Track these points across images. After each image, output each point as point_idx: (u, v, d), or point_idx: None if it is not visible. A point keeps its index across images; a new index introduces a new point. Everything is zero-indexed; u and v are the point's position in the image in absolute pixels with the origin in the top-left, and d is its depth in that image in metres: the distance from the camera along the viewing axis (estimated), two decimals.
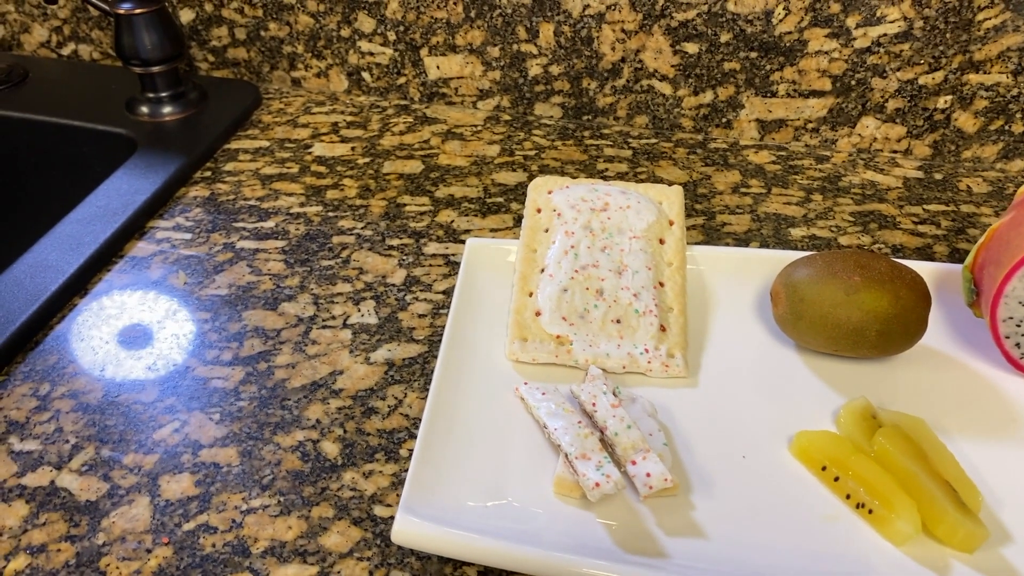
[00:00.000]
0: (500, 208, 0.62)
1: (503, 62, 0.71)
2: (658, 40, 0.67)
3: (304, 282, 0.55)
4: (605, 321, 0.48)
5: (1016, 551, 0.38)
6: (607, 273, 0.50)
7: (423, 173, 0.66)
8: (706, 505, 0.40)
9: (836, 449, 0.41)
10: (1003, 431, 0.44)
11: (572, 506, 0.40)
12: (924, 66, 0.63)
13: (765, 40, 0.65)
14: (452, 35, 0.71)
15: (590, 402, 0.43)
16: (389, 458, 0.44)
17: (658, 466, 0.40)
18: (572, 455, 0.40)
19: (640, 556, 0.38)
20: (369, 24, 0.72)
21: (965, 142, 0.66)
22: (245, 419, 0.46)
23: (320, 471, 0.43)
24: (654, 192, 0.56)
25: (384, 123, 0.72)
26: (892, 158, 0.68)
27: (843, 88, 0.66)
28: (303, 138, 0.71)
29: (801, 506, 0.40)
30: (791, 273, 0.47)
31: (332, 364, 0.49)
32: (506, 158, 0.68)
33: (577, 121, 0.73)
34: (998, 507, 0.40)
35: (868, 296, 0.44)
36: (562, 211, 0.53)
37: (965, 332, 0.50)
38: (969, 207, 0.62)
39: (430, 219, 0.61)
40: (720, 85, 0.68)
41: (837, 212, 0.62)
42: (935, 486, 0.39)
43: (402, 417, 0.46)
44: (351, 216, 0.61)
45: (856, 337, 0.45)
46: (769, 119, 0.69)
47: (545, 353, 0.47)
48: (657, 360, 0.47)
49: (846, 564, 0.38)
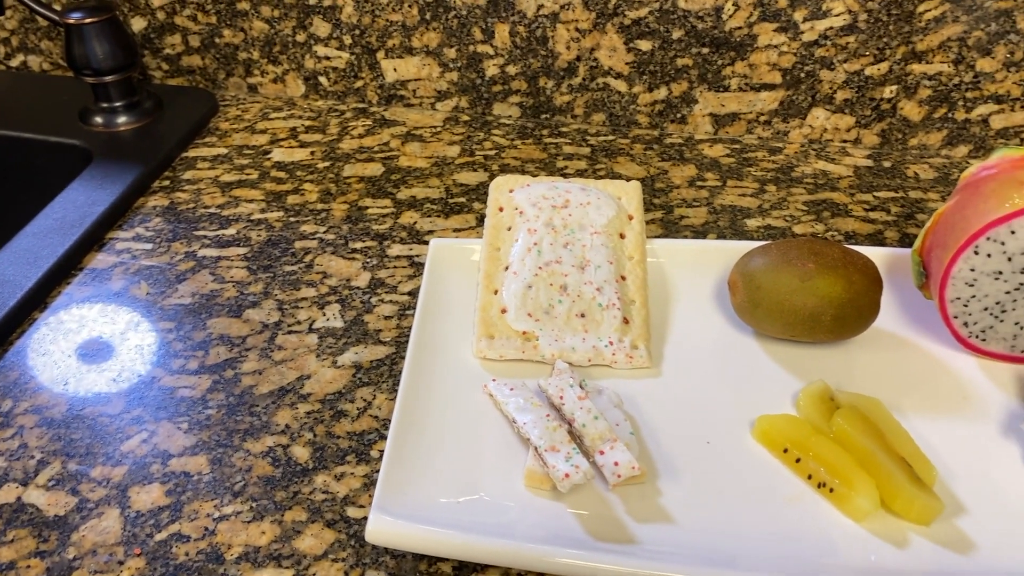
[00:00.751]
0: (462, 208, 0.63)
1: (460, 63, 0.72)
2: (612, 38, 0.68)
3: (268, 288, 0.55)
4: (570, 316, 0.49)
5: (970, 522, 0.40)
6: (570, 269, 0.51)
7: (384, 175, 0.66)
8: (673, 491, 0.41)
9: (796, 431, 0.42)
10: (955, 407, 0.46)
11: (543, 498, 0.41)
12: (869, 57, 0.65)
13: (716, 36, 0.66)
14: (408, 37, 0.71)
15: (557, 395, 0.44)
16: (360, 460, 0.44)
17: (625, 455, 0.40)
18: (542, 448, 0.40)
19: (611, 544, 0.39)
20: (325, 28, 0.72)
21: (911, 130, 0.68)
22: (214, 427, 0.46)
23: (291, 475, 0.44)
24: (613, 188, 0.57)
25: (343, 127, 0.72)
26: (842, 148, 0.70)
27: (793, 81, 0.67)
28: (262, 144, 0.70)
29: (765, 488, 0.41)
30: (747, 263, 0.48)
31: (299, 369, 0.50)
32: (466, 158, 0.68)
33: (535, 120, 0.74)
34: (952, 480, 0.42)
35: (822, 282, 0.45)
36: (524, 209, 0.54)
37: (916, 314, 0.51)
38: (917, 193, 0.64)
39: (393, 221, 0.61)
40: (674, 81, 0.69)
41: (791, 202, 0.63)
42: (892, 463, 0.40)
43: (372, 419, 0.47)
44: (313, 220, 0.61)
45: (812, 322, 0.46)
46: (722, 113, 0.70)
47: (512, 349, 0.48)
48: (621, 352, 0.48)
49: (810, 542, 0.39)
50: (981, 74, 0.65)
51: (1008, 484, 0.41)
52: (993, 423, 0.45)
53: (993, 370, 0.48)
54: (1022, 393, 0.47)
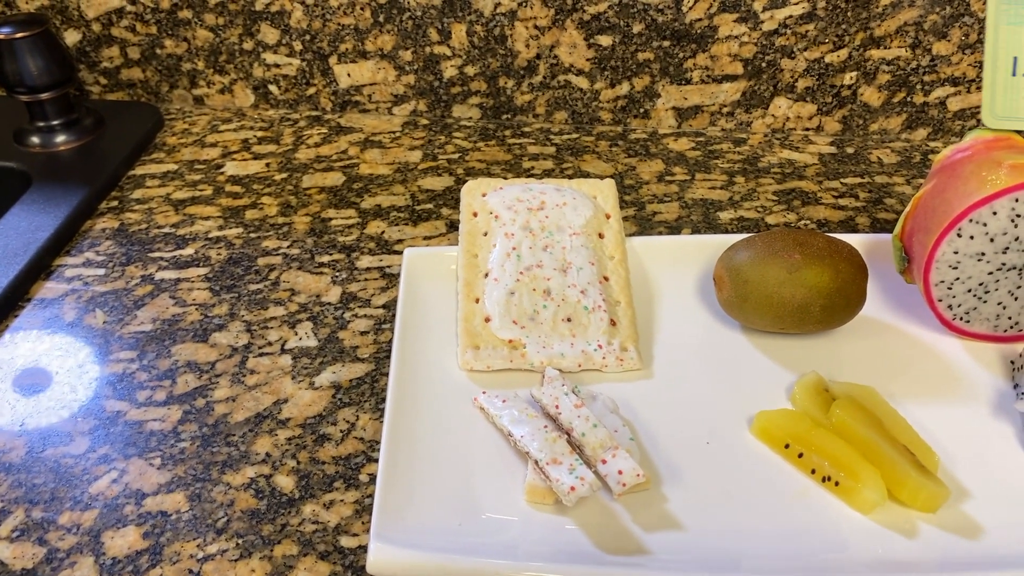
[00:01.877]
0: (431, 215, 0.61)
1: (416, 66, 0.70)
2: (572, 35, 0.67)
3: (234, 309, 0.53)
4: (556, 321, 0.48)
5: (975, 505, 0.40)
6: (552, 272, 0.49)
7: (345, 184, 0.64)
8: (678, 496, 0.40)
9: (796, 426, 0.42)
10: (947, 391, 0.46)
11: (546, 513, 0.39)
12: (829, 45, 0.65)
13: (677, 28, 0.66)
14: (361, 41, 0.69)
15: (553, 404, 0.42)
16: (349, 485, 0.42)
17: (628, 462, 0.39)
18: (542, 461, 0.39)
19: (622, 556, 0.37)
20: (273, 35, 0.69)
21: (872, 115, 0.69)
22: (189, 461, 0.43)
23: (277, 507, 0.41)
24: (587, 187, 0.56)
25: (297, 136, 0.70)
26: (805, 136, 0.70)
27: (754, 71, 0.67)
28: (213, 158, 0.67)
29: (770, 486, 0.41)
30: (732, 256, 0.48)
31: (275, 393, 0.47)
32: (429, 163, 0.66)
33: (497, 121, 0.72)
34: (952, 465, 0.42)
35: (810, 273, 0.45)
36: (499, 213, 0.52)
37: (898, 299, 0.51)
38: (883, 178, 0.65)
39: (359, 232, 0.59)
40: (636, 76, 0.68)
41: (760, 192, 0.63)
42: (894, 452, 0.40)
43: (357, 441, 0.44)
44: (275, 235, 0.59)
45: (801, 314, 0.45)
46: (685, 106, 0.70)
47: (499, 359, 0.46)
48: (611, 355, 0.47)
49: (820, 537, 0.38)
50: (937, 57, 0.65)
51: (1007, 465, 0.42)
52: (984, 404, 0.45)
53: (978, 351, 0.48)
54: (1008, 372, 0.47)
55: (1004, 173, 0.43)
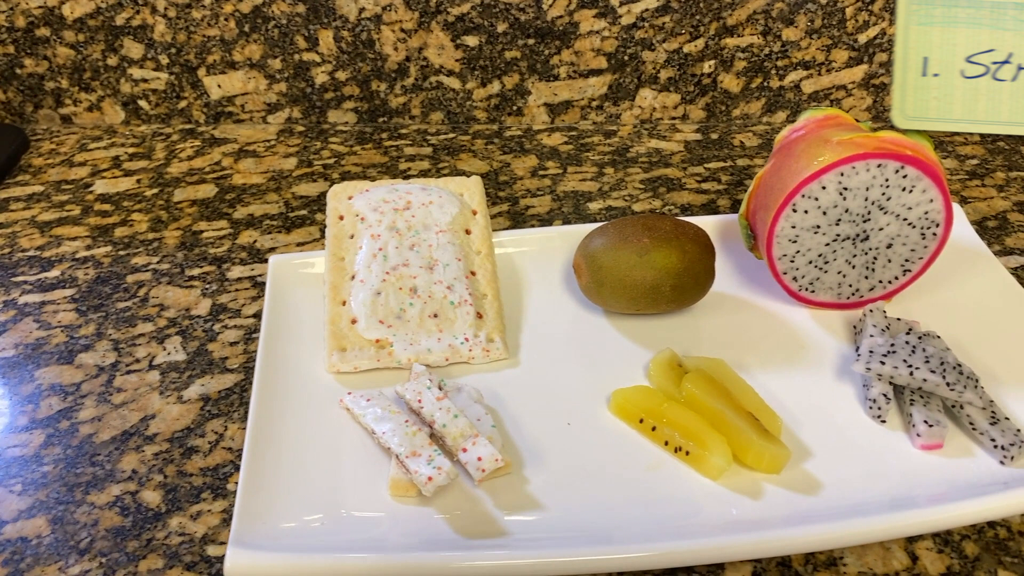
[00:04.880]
0: (304, 221, 0.61)
1: (287, 73, 0.70)
2: (438, 36, 0.68)
3: (101, 329, 0.52)
4: (423, 317, 0.48)
5: (816, 464, 0.42)
6: (418, 270, 0.50)
7: (218, 196, 0.63)
8: (539, 477, 0.41)
9: (649, 401, 0.43)
10: (795, 358, 0.48)
11: (411, 505, 0.40)
12: (686, 35, 0.68)
13: (539, 26, 0.67)
14: (229, 52, 0.68)
15: (415, 399, 0.43)
16: (217, 495, 0.42)
17: (488, 448, 0.40)
18: (402, 455, 0.40)
19: (481, 539, 0.38)
20: (137, 50, 0.68)
21: (733, 101, 0.72)
22: (51, 484, 0.43)
23: (143, 522, 0.41)
24: (454, 185, 0.57)
25: (170, 150, 0.69)
26: (672, 124, 0.72)
27: (618, 64, 0.69)
28: (82, 177, 0.66)
29: (626, 460, 0.42)
30: (588, 244, 0.49)
31: (142, 409, 0.47)
32: (304, 169, 0.66)
33: (373, 124, 0.72)
34: (797, 428, 0.44)
35: (658, 255, 0.47)
36: (365, 215, 0.53)
37: (750, 275, 0.54)
38: (744, 160, 0.68)
39: (231, 242, 0.59)
40: (505, 74, 0.70)
41: (628, 182, 0.65)
42: (739, 419, 0.42)
43: (225, 451, 0.44)
44: (144, 251, 0.58)
45: (654, 294, 0.47)
46: (556, 102, 0.71)
47: (366, 359, 0.47)
48: (478, 347, 0.48)
49: (674, 506, 0.40)
50: (788, 43, 0.69)
51: (847, 424, 0.44)
52: (829, 368, 0.48)
53: (825, 319, 0.51)
54: (852, 337, 0.50)
55: (831, 149, 0.46)
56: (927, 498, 0.40)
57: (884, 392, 0.44)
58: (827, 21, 0.67)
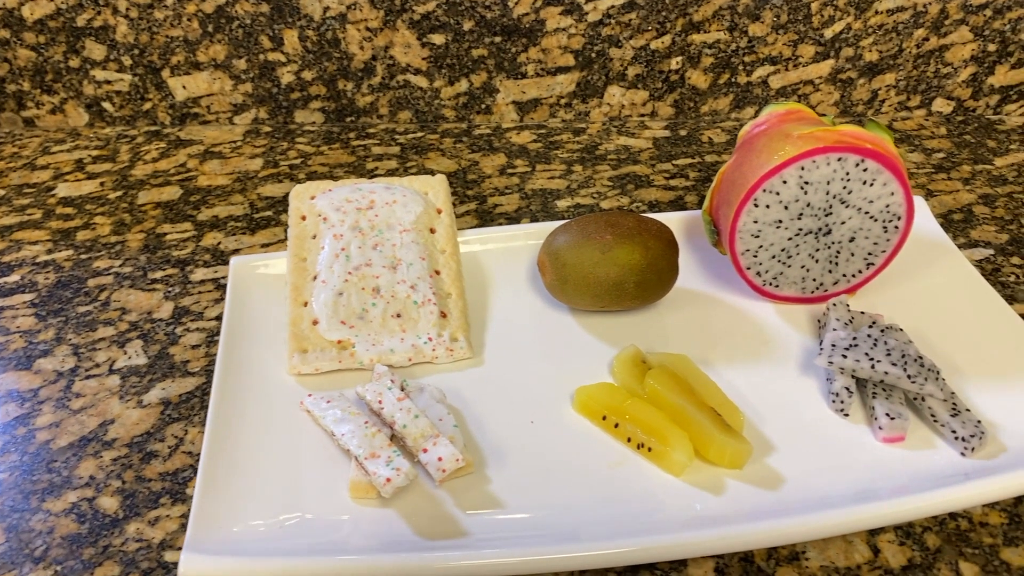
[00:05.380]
0: (269, 222, 0.60)
1: (252, 74, 0.69)
2: (404, 34, 0.67)
3: (60, 333, 0.51)
4: (385, 317, 0.48)
5: (779, 458, 0.42)
6: (381, 270, 0.50)
7: (182, 198, 0.63)
8: (501, 476, 0.41)
9: (612, 398, 0.43)
10: (758, 353, 0.48)
11: (372, 507, 0.40)
12: (652, 32, 0.68)
13: (506, 24, 0.67)
14: (193, 52, 0.68)
15: (376, 400, 0.43)
16: (176, 500, 0.42)
17: (449, 448, 0.40)
18: (361, 456, 0.39)
19: (443, 540, 0.38)
20: (99, 51, 0.68)
21: (701, 98, 0.72)
22: (6, 492, 0.42)
23: (100, 529, 0.40)
24: (419, 183, 0.56)
25: (134, 152, 0.68)
26: (641, 121, 0.72)
27: (585, 61, 0.69)
28: (44, 180, 0.65)
29: (589, 458, 0.42)
30: (552, 242, 0.49)
31: (101, 415, 0.46)
32: (270, 170, 0.66)
33: (341, 124, 0.72)
34: (761, 422, 0.44)
35: (621, 252, 0.47)
36: (328, 215, 0.53)
37: (715, 270, 0.54)
38: (712, 156, 0.68)
39: (194, 244, 0.58)
40: (472, 72, 0.70)
41: (597, 179, 0.65)
42: (702, 415, 0.42)
43: (185, 455, 0.44)
44: (107, 255, 0.57)
45: (617, 291, 0.47)
46: (524, 100, 0.71)
47: (328, 361, 0.46)
48: (441, 346, 0.47)
49: (636, 503, 0.40)
50: (754, 39, 0.69)
51: (809, 418, 0.44)
52: (793, 362, 0.48)
53: (789, 313, 0.51)
54: (816, 331, 0.50)
55: (791, 144, 0.46)
56: (889, 490, 0.40)
57: (846, 386, 0.44)
58: (793, 16, 0.67)
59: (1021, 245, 0.58)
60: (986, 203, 0.63)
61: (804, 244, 0.48)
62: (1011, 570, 0.38)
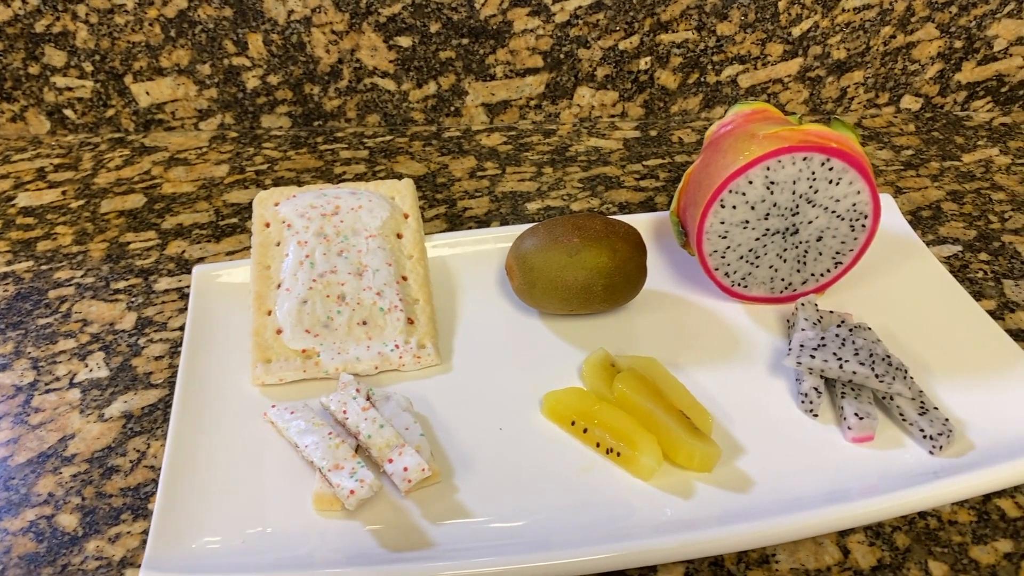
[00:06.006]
0: (235, 229, 0.59)
1: (217, 79, 0.68)
2: (371, 37, 0.67)
3: (19, 347, 0.50)
4: (351, 325, 0.47)
5: (749, 460, 0.42)
6: (347, 277, 0.49)
7: (146, 206, 0.62)
8: (469, 485, 0.41)
9: (581, 402, 0.43)
10: (728, 354, 0.48)
11: (338, 519, 0.39)
12: (620, 32, 0.68)
13: (473, 25, 0.66)
14: (155, 58, 0.67)
15: (340, 410, 0.42)
16: (137, 516, 0.41)
17: (414, 458, 0.39)
18: (325, 468, 0.39)
19: (410, 551, 0.37)
20: (60, 57, 0.66)
21: (671, 98, 0.72)
22: None
23: (58, 547, 0.39)
24: (385, 188, 0.56)
25: (97, 160, 0.67)
26: (611, 122, 0.72)
27: (554, 63, 0.69)
28: (4, 190, 0.64)
29: (558, 464, 0.42)
30: (519, 246, 0.49)
31: (61, 429, 0.45)
32: (236, 176, 0.65)
33: (308, 128, 0.71)
34: (730, 424, 0.44)
35: (588, 255, 0.46)
36: (292, 221, 0.52)
37: (684, 272, 0.54)
38: (682, 157, 0.68)
39: (158, 253, 0.57)
40: (440, 75, 0.69)
41: (567, 181, 0.65)
42: (670, 418, 0.42)
43: (147, 470, 0.43)
44: (68, 265, 0.56)
45: (586, 294, 0.47)
46: (494, 102, 0.71)
47: (292, 371, 0.46)
48: (408, 353, 0.47)
49: (606, 508, 0.40)
50: (723, 38, 0.68)
51: (779, 418, 0.44)
52: (762, 363, 0.47)
53: (759, 313, 0.51)
54: (786, 331, 0.50)
55: (757, 144, 0.46)
56: (859, 491, 0.40)
57: (815, 386, 0.44)
58: (760, 15, 0.67)
59: (989, 241, 0.58)
60: (954, 199, 0.63)
61: (772, 244, 0.48)
62: (980, 568, 0.38)
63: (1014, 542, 0.39)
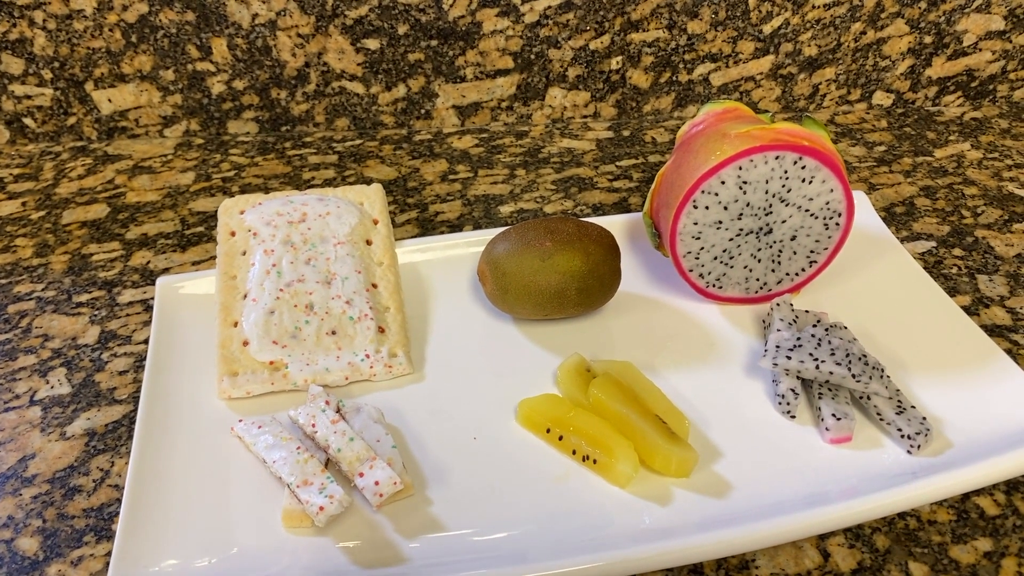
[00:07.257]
0: (201, 238, 0.58)
1: (181, 84, 0.66)
2: (337, 40, 0.65)
3: None
4: (320, 335, 0.46)
5: (727, 465, 0.41)
6: (315, 285, 0.48)
7: (110, 216, 0.60)
8: (443, 497, 0.40)
9: (556, 409, 0.42)
10: (704, 356, 0.47)
11: (308, 536, 0.38)
12: (591, 32, 0.67)
13: (442, 27, 0.66)
14: (117, 64, 0.65)
15: (309, 424, 0.41)
16: (101, 538, 0.40)
17: (386, 472, 0.39)
18: (293, 484, 0.38)
19: (382, 568, 0.37)
20: (17, 65, 0.65)
21: (643, 97, 0.71)
22: None
23: (18, 573, 0.38)
24: (353, 194, 0.55)
25: (59, 169, 0.65)
26: (584, 123, 0.71)
27: (525, 63, 0.68)
28: None
29: (533, 472, 0.41)
30: (491, 250, 0.48)
31: (21, 450, 0.44)
32: (203, 184, 0.64)
33: (276, 133, 0.70)
34: (707, 428, 0.43)
35: (561, 258, 0.46)
36: (258, 230, 0.51)
37: (659, 273, 0.53)
38: (656, 156, 0.67)
39: (122, 265, 0.56)
40: (410, 77, 0.68)
41: (540, 183, 0.64)
42: (646, 423, 0.41)
43: (112, 489, 0.42)
44: (28, 279, 0.55)
45: (559, 298, 0.46)
46: (464, 104, 0.70)
47: (259, 383, 0.44)
48: (380, 363, 0.46)
49: (582, 518, 0.39)
50: (694, 36, 0.68)
51: (756, 420, 0.43)
52: (739, 365, 0.47)
53: (735, 314, 0.50)
54: (762, 332, 0.49)
55: (728, 143, 0.45)
56: (838, 493, 0.40)
57: (792, 387, 0.44)
58: (731, 13, 0.67)
59: (962, 236, 0.58)
60: (927, 195, 0.63)
61: (746, 244, 0.48)
62: (960, 568, 0.38)
63: (993, 540, 0.39)
